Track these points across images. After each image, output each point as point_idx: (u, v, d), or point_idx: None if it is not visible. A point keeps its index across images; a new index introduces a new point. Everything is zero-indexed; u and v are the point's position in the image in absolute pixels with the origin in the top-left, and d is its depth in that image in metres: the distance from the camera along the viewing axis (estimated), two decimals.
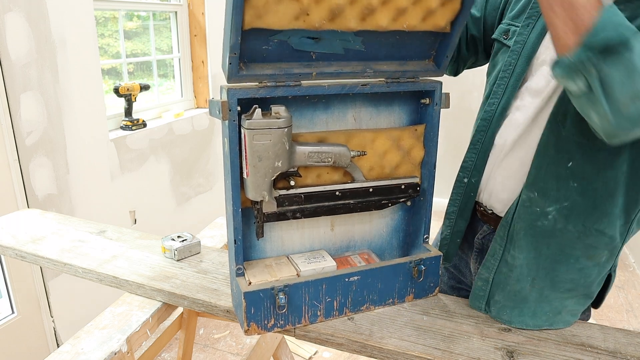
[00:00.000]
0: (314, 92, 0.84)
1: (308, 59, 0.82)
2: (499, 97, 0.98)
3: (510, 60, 0.97)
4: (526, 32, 0.95)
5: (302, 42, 0.79)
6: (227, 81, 0.78)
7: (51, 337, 2.09)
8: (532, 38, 0.94)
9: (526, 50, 0.94)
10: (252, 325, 0.90)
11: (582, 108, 0.73)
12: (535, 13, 0.94)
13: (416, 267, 0.98)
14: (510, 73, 0.96)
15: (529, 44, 0.94)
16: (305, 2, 0.74)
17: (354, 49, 0.84)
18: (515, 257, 0.93)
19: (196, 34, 2.97)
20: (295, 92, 0.82)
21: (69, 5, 1.99)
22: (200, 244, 1.23)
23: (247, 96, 0.78)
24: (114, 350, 0.93)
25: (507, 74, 0.97)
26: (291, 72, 0.81)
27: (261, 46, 0.78)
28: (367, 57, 0.87)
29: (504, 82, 0.97)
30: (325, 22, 0.77)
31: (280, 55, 0.80)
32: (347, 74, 0.86)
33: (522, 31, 0.95)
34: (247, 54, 0.78)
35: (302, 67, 0.82)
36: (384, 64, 0.89)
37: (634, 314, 2.69)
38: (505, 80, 0.97)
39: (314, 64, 0.83)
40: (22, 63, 1.82)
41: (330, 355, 2.32)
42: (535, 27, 0.94)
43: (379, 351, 0.88)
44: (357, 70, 0.86)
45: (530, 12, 0.95)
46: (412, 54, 0.91)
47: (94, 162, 2.20)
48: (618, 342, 0.90)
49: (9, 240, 1.28)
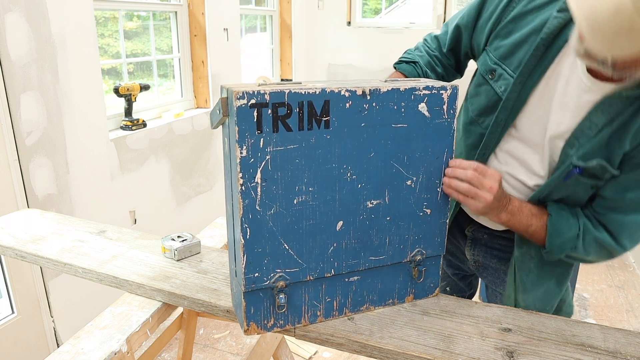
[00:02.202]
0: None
1: None
2: (492, 144, 1.06)
3: (501, 116, 1.03)
4: (517, 90, 1.00)
5: None
6: None
7: (51, 337, 2.09)
8: (523, 96, 1.00)
9: (517, 106, 1.01)
10: (252, 325, 0.90)
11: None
12: (526, 71, 0.98)
13: (416, 267, 0.98)
14: (494, 122, 1.04)
15: (520, 102, 1.00)
16: None
17: None
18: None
19: (196, 34, 2.97)
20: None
21: (69, 5, 1.99)
22: (200, 244, 1.23)
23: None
24: (114, 350, 0.93)
25: (492, 123, 1.04)
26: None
27: None
28: None
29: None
30: None
31: None
32: None
33: (514, 88, 1.00)
34: None
35: None
36: None
37: (634, 314, 2.69)
38: (497, 131, 1.04)
39: None
40: (22, 63, 1.82)
41: (330, 355, 2.32)
42: (525, 85, 0.99)
43: (379, 351, 0.88)
44: None
45: (523, 69, 0.98)
46: None
47: (94, 162, 2.20)
48: (618, 342, 0.90)
49: (9, 240, 1.28)
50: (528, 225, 0.99)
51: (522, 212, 0.98)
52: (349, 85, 0.83)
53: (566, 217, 0.98)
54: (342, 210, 0.88)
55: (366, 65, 4.34)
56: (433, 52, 1.21)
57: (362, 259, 0.93)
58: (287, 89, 0.79)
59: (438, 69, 1.21)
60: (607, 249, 0.97)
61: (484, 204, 0.91)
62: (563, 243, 0.97)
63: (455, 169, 0.92)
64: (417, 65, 1.19)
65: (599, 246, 0.97)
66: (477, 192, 0.91)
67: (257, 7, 3.91)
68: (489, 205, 0.92)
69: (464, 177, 0.91)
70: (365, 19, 4.44)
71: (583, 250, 0.97)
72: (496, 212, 0.96)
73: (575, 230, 0.97)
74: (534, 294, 1.08)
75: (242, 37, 3.71)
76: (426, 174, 0.92)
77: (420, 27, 4.12)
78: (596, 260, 1.01)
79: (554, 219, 0.98)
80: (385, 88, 0.84)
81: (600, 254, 0.98)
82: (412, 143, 0.89)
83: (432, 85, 0.88)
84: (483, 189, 0.91)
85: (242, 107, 0.76)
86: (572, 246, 0.97)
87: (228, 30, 3.13)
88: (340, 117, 0.83)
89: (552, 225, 0.97)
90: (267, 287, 0.87)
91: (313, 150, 0.83)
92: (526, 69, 0.97)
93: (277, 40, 4.11)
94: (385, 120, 0.85)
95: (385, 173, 0.89)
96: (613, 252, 0.97)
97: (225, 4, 3.09)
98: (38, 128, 1.92)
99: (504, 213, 0.97)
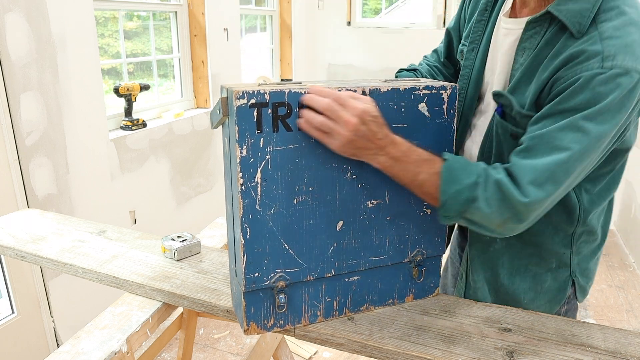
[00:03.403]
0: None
1: None
2: (459, 117, 1.03)
3: (462, 84, 1.02)
4: (472, 57, 1.00)
5: None
6: None
7: (51, 337, 2.10)
8: (477, 64, 0.99)
9: (474, 75, 0.99)
10: (252, 325, 0.90)
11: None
12: (477, 37, 0.99)
13: (416, 267, 0.98)
14: (464, 97, 1.02)
15: (475, 70, 0.99)
16: None
17: None
18: (475, 280, 1.05)
19: (196, 34, 2.97)
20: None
21: (69, 5, 1.99)
22: (200, 244, 1.23)
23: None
24: (114, 350, 0.93)
25: (462, 98, 1.02)
26: None
27: None
28: None
29: (460, 105, 1.02)
30: None
31: None
32: None
33: (468, 55, 1.00)
34: None
35: None
36: None
37: (634, 314, 2.69)
38: (461, 103, 1.02)
39: None
40: (22, 63, 1.82)
41: (330, 355, 2.32)
42: (479, 52, 0.98)
43: (379, 351, 0.88)
44: None
45: (472, 36, 0.99)
46: None
47: (94, 162, 2.20)
48: (618, 342, 0.90)
49: (9, 240, 1.28)
50: (417, 173, 0.82)
51: (408, 157, 0.82)
52: (349, 85, 0.83)
53: (465, 163, 0.83)
54: (342, 210, 0.88)
55: (366, 65, 4.34)
56: (433, 64, 1.21)
57: (362, 259, 0.93)
58: (287, 89, 0.79)
59: (439, 78, 1.20)
60: (509, 198, 0.78)
61: (339, 142, 0.78)
62: (459, 192, 0.80)
63: (313, 96, 0.78)
64: (417, 72, 1.20)
65: (500, 193, 0.78)
66: (331, 126, 0.77)
67: (257, 7, 3.92)
68: (349, 143, 0.77)
69: (318, 107, 0.77)
70: (365, 19, 4.44)
71: (485, 202, 0.79)
72: (369, 154, 0.81)
73: (474, 176, 0.80)
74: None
75: (242, 37, 3.71)
76: None
77: (420, 27, 4.12)
78: (498, 219, 0.80)
79: (450, 163, 0.82)
80: (385, 88, 0.84)
81: (502, 206, 0.79)
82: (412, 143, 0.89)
83: (432, 85, 0.88)
84: (339, 123, 0.77)
85: (242, 107, 0.76)
86: (471, 196, 0.80)
87: (228, 30, 3.14)
88: None
89: (447, 170, 0.82)
90: (267, 287, 0.87)
91: (313, 150, 0.83)
92: (474, 36, 0.98)
93: (277, 40, 4.11)
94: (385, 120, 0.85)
95: (385, 173, 0.89)
96: (515, 202, 0.78)
97: (225, 4, 3.09)
98: (38, 128, 1.92)
99: (383, 156, 0.81)
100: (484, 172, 0.81)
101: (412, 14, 4.98)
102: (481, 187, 0.80)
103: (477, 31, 0.99)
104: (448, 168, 0.82)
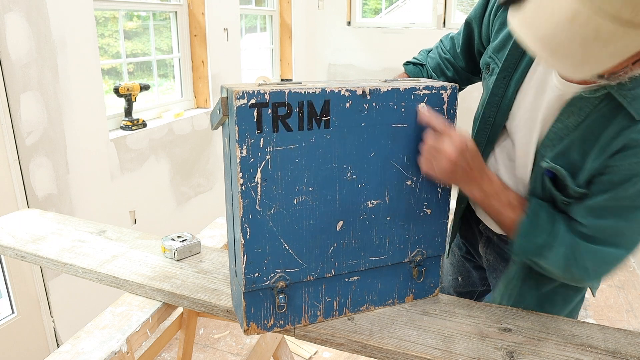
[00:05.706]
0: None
1: None
2: (484, 141, 1.03)
3: (489, 112, 1.00)
4: (502, 86, 0.97)
5: None
6: None
7: (51, 337, 2.09)
8: (508, 94, 0.96)
9: (504, 106, 0.98)
10: (252, 325, 0.90)
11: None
12: (511, 65, 0.95)
13: (416, 267, 0.98)
14: (491, 124, 1.01)
15: (507, 100, 0.97)
16: None
17: None
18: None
19: (196, 34, 2.97)
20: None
21: (69, 6, 1.99)
22: (200, 244, 1.23)
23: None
24: (114, 350, 0.93)
25: (488, 125, 1.02)
26: None
27: None
28: None
29: (486, 130, 1.03)
30: None
31: None
32: None
33: (498, 83, 0.97)
34: None
35: None
36: None
37: (634, 314, 2.69)
38: (487, 129, 1.02)
39: None
40: (22, 63, 1.82)
41: (330, 355, 2.32)
42: (512, 81, 0.95)
43: (379, 351, 0.88)
44: None
45: (505, 63, 0.95)
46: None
47: (94, 162, 2.20)
48: (618, 342, 0.90)
49: (9, 240, 1.28)
50: (499, 213, 0.92)
51: (498, 197, 0.90)
52: (349, 85, 0.83)
53: (544, 220, 0.89)
54: (342, 210, 0.88)
55: (366, 65, 4.34)
56: (445, 55, 1.16)
57: (362, 259, 0.93)
58: (287, 89, 0.79)
59: (448, 72, 1.16)
60: (571, 272, 0.87)
61: (439, 169, 0.85)
62: (528, 248, 0.90)
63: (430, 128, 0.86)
64: (423, 68, 1.17)
65: (565, 262, 0.87)
66: (434, 154, 0.85)
67: (257, 7, 3.91)
68: (449, 171, 0.84)
69: (425, 138, 0.86)
70: (365, 19, 4.44)
71: (553, 264, 0.89)
72: (466, 184, 0.89)
73: (548, 238, 0.87)
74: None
75: (242, 37, 3.71)
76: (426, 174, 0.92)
77: (420, 27, 4.12)
78: (561, 276, 0.92)
79: (530, 218, 0.89)
80: (385, 88, 0.84)
81: (566, 272, 0.88)
82: (412, 143, 0.89)
83: (432, 85, 0.88)
84: (440, 153, 0.84)
85: (242, 107, 0.76)
86: (540, 254, 0.89)
87: (228, 30, 3.14)
88: (340, 117, 0.83)
89: (524, 225, 0.89)
90: (267, 287, 0.87)
91: (313, 150, 0.83)
92: (508, 64, 0.93)
93: (277, 40, 4.11)
94: (385, 120, 0.85)
95: (385, 173, 0.89)
96: (577, 277, 0.88)
97: (225, 4, 3.09)
98: (38, 128, 1.92)
99: (476, 190, 0.89)
100: (560, 237, 0.86)
101: (412, 14, 4.98)
102: (553, 251, 0.86)
103: (512, 59, 0.94)
104: (525, 223, 0.89)
